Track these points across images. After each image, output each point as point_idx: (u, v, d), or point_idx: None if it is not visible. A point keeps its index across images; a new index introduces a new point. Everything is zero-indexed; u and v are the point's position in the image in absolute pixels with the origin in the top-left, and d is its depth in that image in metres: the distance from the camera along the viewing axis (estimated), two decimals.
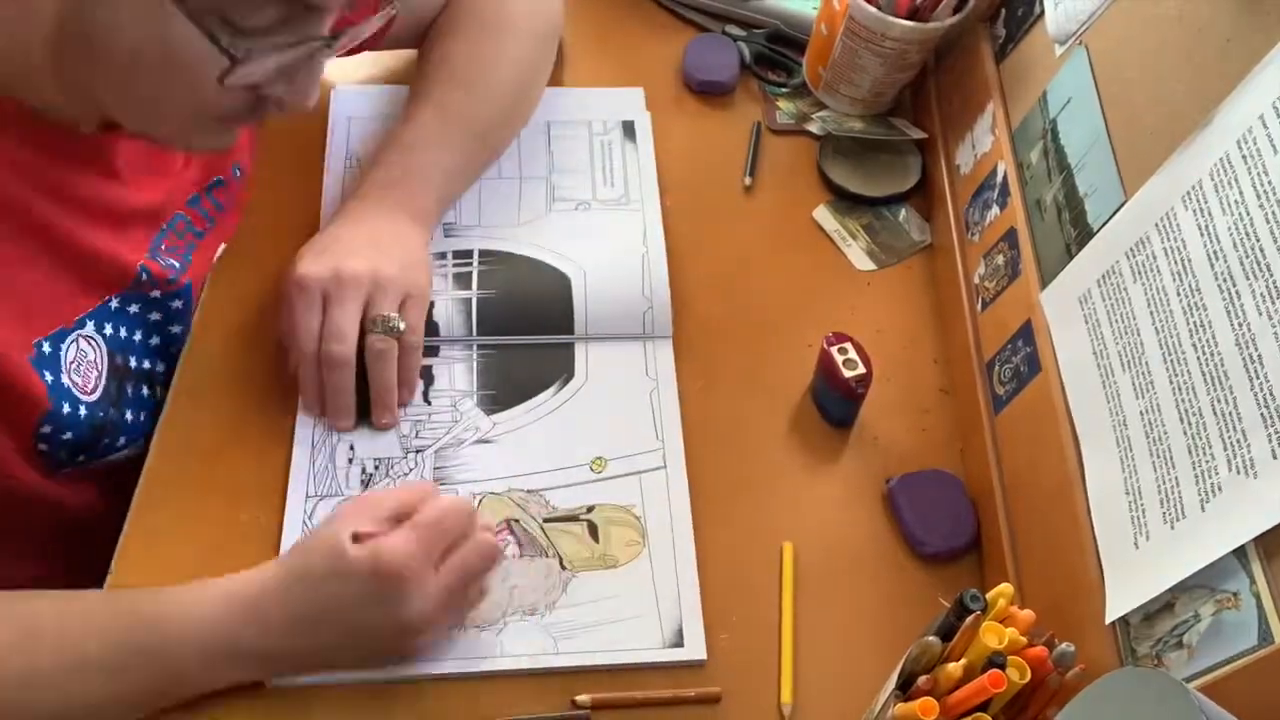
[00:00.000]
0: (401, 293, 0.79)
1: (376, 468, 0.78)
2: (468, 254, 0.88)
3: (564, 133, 0.98)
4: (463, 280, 0.86)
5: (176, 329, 0.83)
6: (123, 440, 0.79)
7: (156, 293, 0.80)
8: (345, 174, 0.92)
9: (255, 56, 0.61)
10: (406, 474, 0.78)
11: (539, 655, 0.71)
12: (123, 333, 0.79)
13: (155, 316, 0.81)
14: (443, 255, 0.87)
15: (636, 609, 0.73)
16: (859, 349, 0.81)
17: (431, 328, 0.83)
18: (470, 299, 0.85)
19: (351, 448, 0.79)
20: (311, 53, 0.64)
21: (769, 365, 0.87)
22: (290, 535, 0.74)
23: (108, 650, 0.64)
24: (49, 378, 0.71)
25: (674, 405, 0.83)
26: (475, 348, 0.84)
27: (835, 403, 0.83)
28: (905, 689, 0.60)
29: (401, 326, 0.78)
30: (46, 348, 0.72)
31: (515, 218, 0.91)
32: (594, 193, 0.94)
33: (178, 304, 0.82)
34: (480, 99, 0.89)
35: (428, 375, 0.83)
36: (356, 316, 0.77)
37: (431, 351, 0.84)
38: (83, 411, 0.74)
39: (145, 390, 0.81)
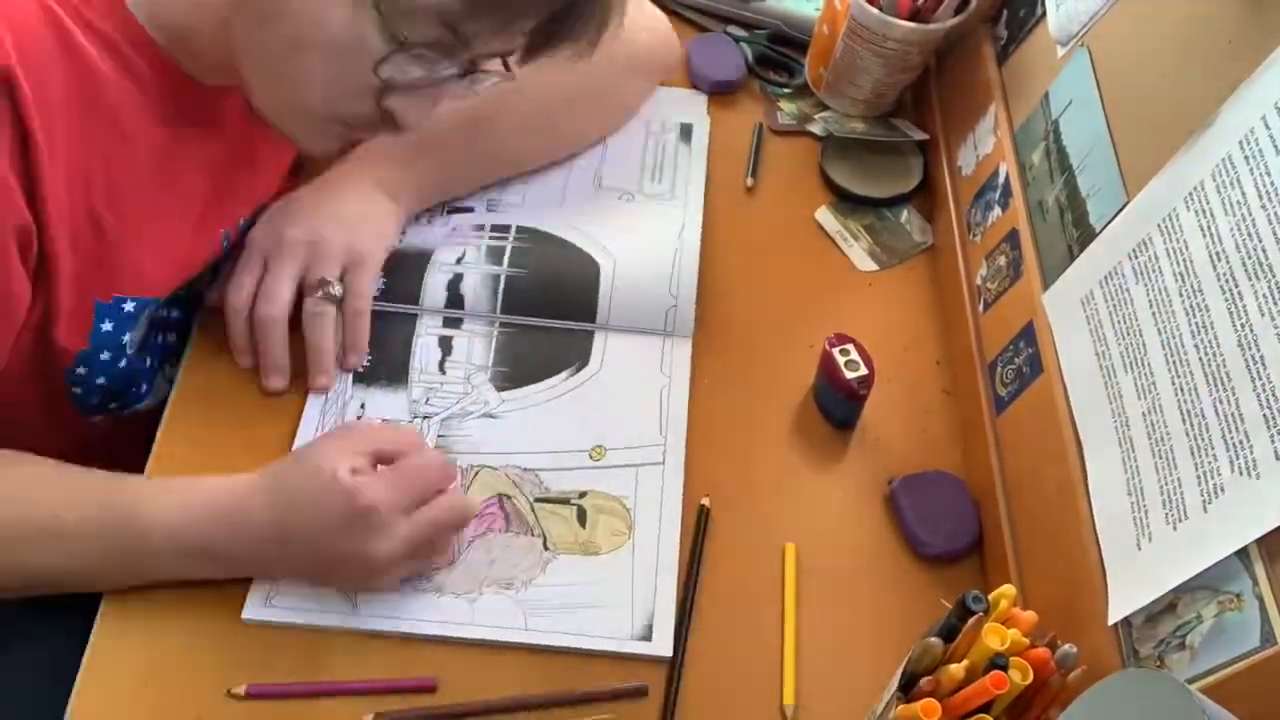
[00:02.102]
0: (344, 258, 0.80)
1: None
2: (505, 228, 0.89)
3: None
4: (495, 254, 0.87)
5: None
6: (145, 387, 0.81)
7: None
8: None
9: (405, 60, 0.64)
10: None
11: (507, 629, 0.72)
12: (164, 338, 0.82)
13: None
14: (480, 227, 0.89)
15: (611, 598, 0.74)
16: (861, 350, 0.81)
17: (457, 300, 0.85)
18: (499, 276, 0.86)
19: (362, 406, 0.81)
20: (442, 79, 0.67)
21: (770, 366, 0.87)
22: None
23: (83, 526, 0.67)
24: (107, 325, 0.73)
25: (683, 404, 0.83)
26: (497, 325, 0.86)
27: (837, 404, 0.83)
28: (907, 690, 0.60)
29: (337, 291, 0.79)
30: (129, 306, 0.74)
31: (559, 199, 0.93)
32: (640, 185, 0.95)
33: None
34: (508, 114, 0.87)
35: (447, 346, 0.84)
36: (291, 279, 0.79)
37: (454, 324, 0.85)
38: (122, 362, 0.76)
39: (163, 337, 0.83)
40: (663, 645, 0.72)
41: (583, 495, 0.78)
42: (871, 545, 0.79)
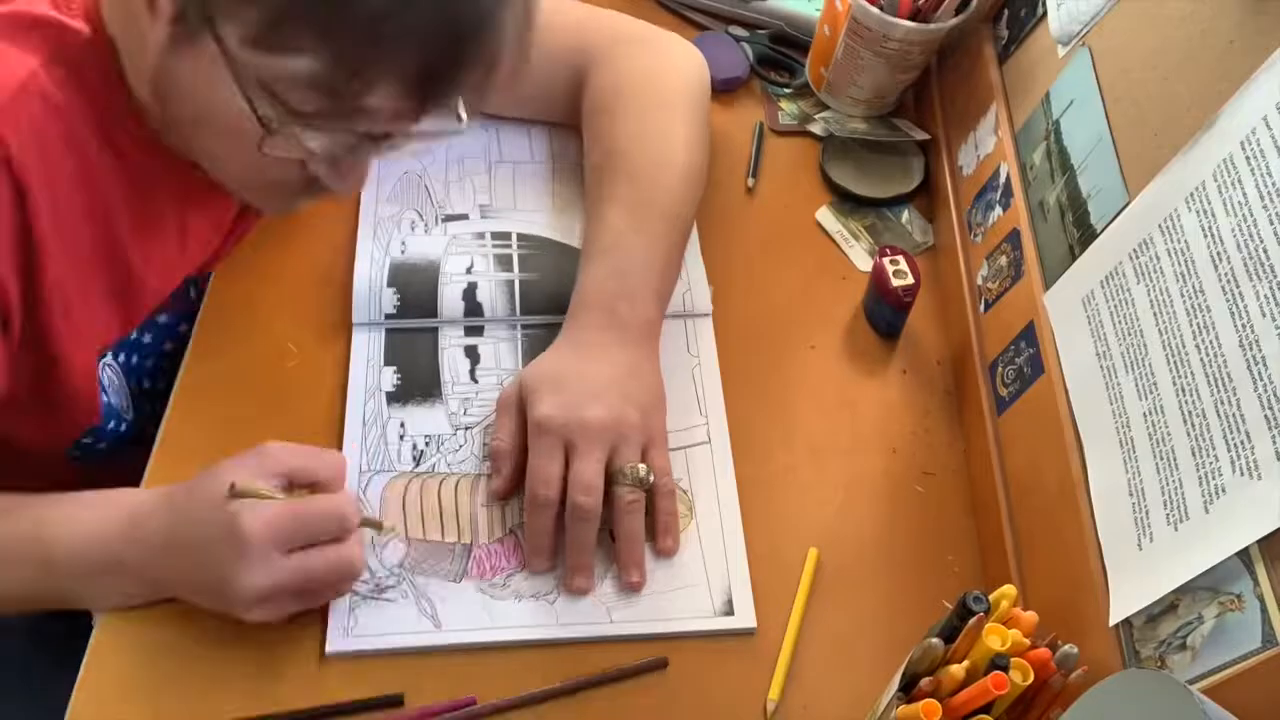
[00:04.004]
0: (644, 440, 0.75)
1: (427, 444, 0.79)
2: (505, 236, 0.89)
3: None
4: (504, 262, 0.87)
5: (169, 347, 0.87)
6: (123, 423, 0.83)
7: (163, 317, 0.85)
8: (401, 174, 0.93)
9: (292, 132, 0.62)
10: (457, 450, 0.79)
11: (593, 624, 0.72)
12: (134, 359, 0.83)
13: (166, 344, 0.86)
14: (480, 235, 0.89)
15: (686, 580, 0.74)
16: (910, 261, 0.86)
17: (476, 309, 0.85)
18: (513, 281, 0.86)
19: (402, 425, 0.80)
20: (353, 145, 0.65)
21: (770, 366, 0.87)
22: None
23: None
24: (103, 396, 0.76)
25: (716, 380, 0.83)
26: (520, 328, 0.85)
27: (885, 313, 0.87)
28: (908, 690, 0.60)
29: (650, 479, 0.74)
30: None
31: (549, 203, 0.92)
32: None
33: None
34: (663, 184, 0.84)
35: (474, 354, 0.84)
36: (602, 467, 0.73)
37: (476, 331, 0.85)
38: (124, 428, 0.79)
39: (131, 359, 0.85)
40: (745, 617, 0.73)
41: None
42: (872, 546, 0.79)
